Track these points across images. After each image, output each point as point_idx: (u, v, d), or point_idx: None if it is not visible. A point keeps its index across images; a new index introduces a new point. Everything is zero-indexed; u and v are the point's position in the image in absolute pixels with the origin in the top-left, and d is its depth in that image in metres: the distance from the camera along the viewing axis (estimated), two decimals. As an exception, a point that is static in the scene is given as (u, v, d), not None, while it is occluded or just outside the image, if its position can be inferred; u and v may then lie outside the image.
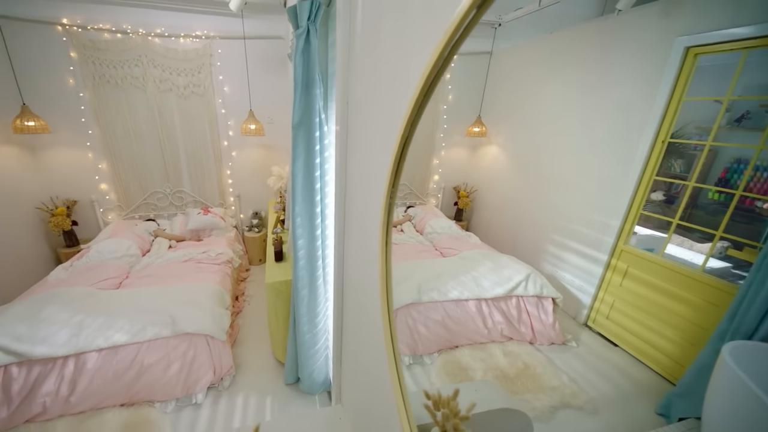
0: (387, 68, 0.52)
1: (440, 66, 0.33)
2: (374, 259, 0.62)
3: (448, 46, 0.30)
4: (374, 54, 0.58)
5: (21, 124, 2.77)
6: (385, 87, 0.53)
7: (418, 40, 0.42)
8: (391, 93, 0.51)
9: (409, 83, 0.45)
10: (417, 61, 0.42)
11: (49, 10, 2.86)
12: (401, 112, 0.42)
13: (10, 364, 1.81)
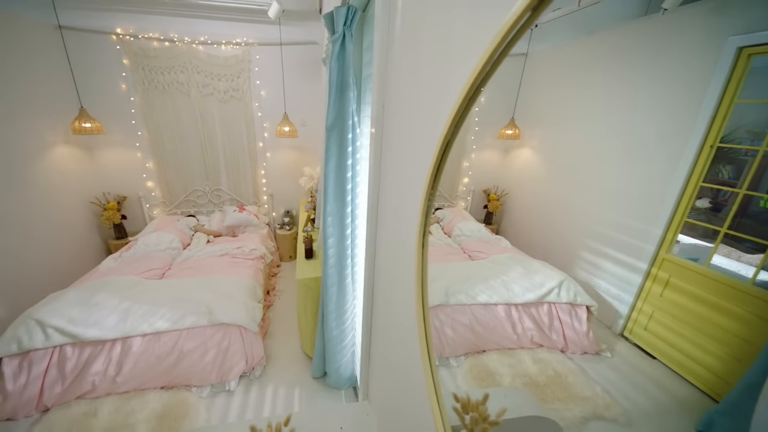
0: (428, 70, 0.53)
1: (489, 68, 0.34)
2: (407, 260, 0.63)
3: (498, 49, 0.30)
4: (414, 56, 0.59)
5: (79, 126, 3.02)
6: (426, 89, 0.54)
7: (463, 42, 0.42)
8: (432, 94, 0.52)
9: (452, 85, 0.45)
10: (462, 62, 0.42)
11: (105, 21, 3.11)
12: (444, 114, 0.43)
13: (65, 344, 1.97)
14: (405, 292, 0.68)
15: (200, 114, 3.54)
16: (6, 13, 2.56)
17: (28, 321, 1.97)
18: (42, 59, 2.90)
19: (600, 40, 0.90)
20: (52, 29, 2.99)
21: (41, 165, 2.90)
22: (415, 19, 0.58)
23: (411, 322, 0.64)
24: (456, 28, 0.45)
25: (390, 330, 0.79)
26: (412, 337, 0.63)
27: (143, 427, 1.84)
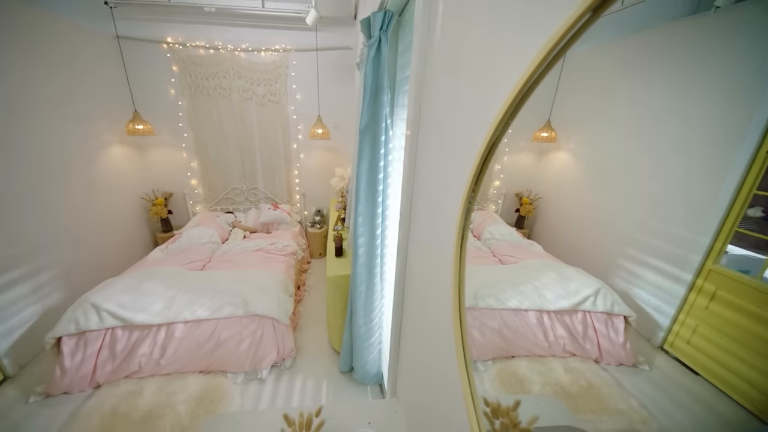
0: (470, 71, 0.53)
1: (542, 69, 0.33)
2: (442, 262, 0.63)
3: (554, 49, 0.30)
4: (454, 58, 0.59)
5: (132, 128, 3.28)
6: (467, 91, 0.54)
7: (512, 40, 0.42)
8: (474, 97, 0.52)
9: (497, 87, 0.45)
10: (510, 62, 0.42)
11: (157, 31, 3.35)
12: (487, 117, 0.43)
13: (116, 327, 2.14)
14: (439, 294, 0.68)
15: (240, 117, 3.72)
16: (71, 24, 2.83)
17: (84, 304, 2.15)
18: (102, 66, 3.17)
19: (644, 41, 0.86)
20: (111, 39, 3.27)
21: (100, 163, 3.17)
22: (459, 18, 0.58)
23: (445, 324, 0.65)
24: (504, 28, 0.45)
25: (421, 331, 0.80)
26: (446, 339, 0.64)
27: (183, 407, 1.96)
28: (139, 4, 2.98)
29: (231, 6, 2.96)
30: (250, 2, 2.93)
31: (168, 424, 1.85)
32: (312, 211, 4.23)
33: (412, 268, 0.91)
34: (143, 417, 1.89)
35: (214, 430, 1.00)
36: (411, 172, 0.87)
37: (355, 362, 2.05)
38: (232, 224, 3.82)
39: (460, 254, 0.49)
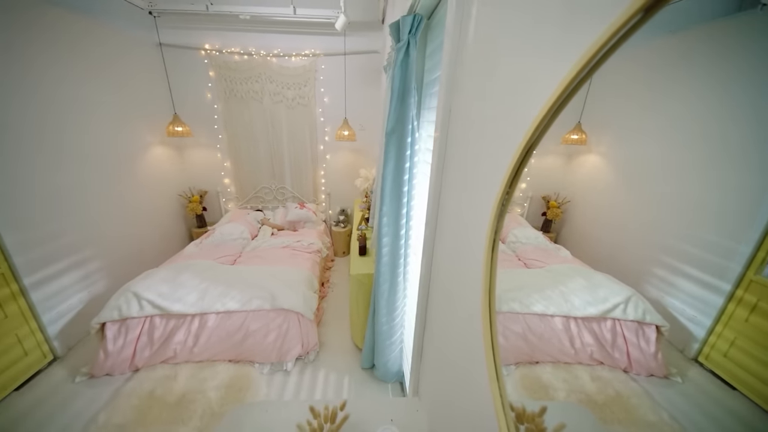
0: (506, 73, 0.52)
1: (589, 69, 0.32)
2: (471, 264, 0.64)
3: (602, 50, 0.29)
4: (489, 58, 0.58)
5: (172, 129, 3.48)
6: (501, 93, 0.54)
7: (554, 38, 0.42)
8: (510, 99, 0.52)
9: (535, 89, 0.45)
10: (552, 63, 0.42)
11: (196, 38, 3.54)
12: (525, 117, 0.43)
13: (154, 315, 2.27)
14: (467, 296, 0.68)
15: (271, 119, 3.84)
16: (120, 33, 3.04)
17: (127, 293, 2.30)
18: (146, 72, 3.39)
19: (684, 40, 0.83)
20: (155, 46, 3.48)
21: (142, 162, 3.38)
22: (491, 23, 0.58)
23: (473, 327, 0.65)
24: (543, 27, 0.44)
25: (447, 333, 0.80)
26: (474, 342, 0.64)
27: (213, 393, 2.05)
28: (181, 13, 3.16)
29: (265, 13, 3.07)
30: (282, 9, 3.02)
31: (199, 408, 1.95)
32: (336, 211, 4.29)
33: (437, 270, 0.91)
34: (177, 401, 2.00)
35: (244, 417, 1.04)
36: (439, 173, 0.87)
37: (376, 359, 2.06)
38: (261, 222, 3.95)
39: (491, 257, 0.49)
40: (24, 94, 2.19)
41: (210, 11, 2.97)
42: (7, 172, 2.06)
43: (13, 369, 2.12)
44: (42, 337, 2.31)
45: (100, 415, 1.90)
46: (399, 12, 1.73)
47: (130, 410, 1.93)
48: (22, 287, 2.16)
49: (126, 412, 1.92)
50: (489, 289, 0.50)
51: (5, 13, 2.08)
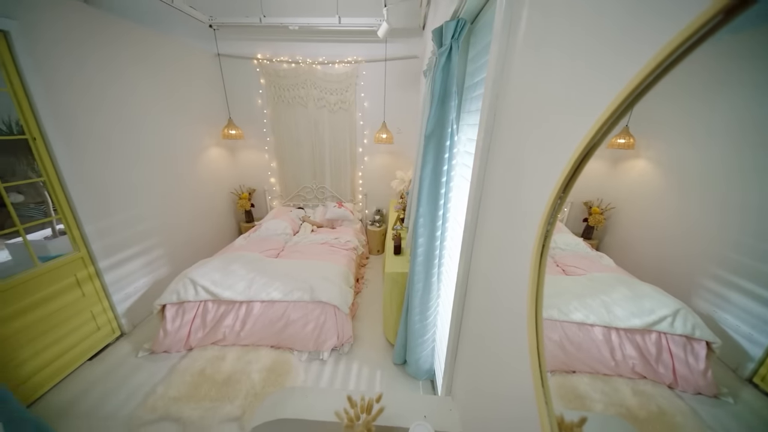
0: (561, 73, 0.51)
1: (665, 66, 0.31)
2: (515, 268, 0.63)
3: (677, 51, 0.28)
4: (541, 60, 0.57)
5: (227, 132, 3.73)
6: (555, 94, 0.52)
7: (619, 37, 0.40)
8: (565, 101, 0.50)
9: (596, 92, 0.44)
10: (616, 63, 0.41)
11: (250, 49, 3.77)
12: (583, 119, 0.43)
13: (208, 300, 2.45)
14: (509, 302, 0.68)
15: (314, 123, 3.99)
16: (185, 45, 3.32)
17: (184, 279, 2.50)
18: (206, 80, 3.67)
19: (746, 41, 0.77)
20: (213, 56, 3.76)
21: (200, 161, 3.66)
22: (544, 24, 0.57)
23: (515, 333, 0.64)
24: (606, 25, 0.43)
25: (485, 335, 0.79)
26: (515, 347, 0.63)
27: (256, 375, 2.17)
28: (237, 26, 3.37)
29: (312, 24, 3.19)
30: (328, 19, 3.12)
31: (244, 388, 2.07)
32: (372, 210, 4.36)
33: (476, 273, 0.90)
34: (224, 379, 2.15)
35: (285, 400, 1.10)
36: (481, 176, 0.86)
37: (408, 356, 2.07)
38: (302, 219, 4.11)
39: (539, 263, 0.49)
40: (105, 100, 2.47)
41: (263, 23, 3.14)
42: (88, 170, 2.33)
43: (88, 341, 2.39)
44: (112, 314, 2.59)
45: (158, 388, 2.09)
46: (441, 17, 1.72)
47: (184, 385, 2.10)
48: (98, 270, 2.44)
49: (180, 387, 2.09)
50: (536, 296, 0.50)
51: (102, 32, 2.36)
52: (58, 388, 2.14)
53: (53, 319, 2.15)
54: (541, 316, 0.50)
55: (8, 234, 1.96)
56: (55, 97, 2.08)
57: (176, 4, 2.76)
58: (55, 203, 2.17)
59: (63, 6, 2.12)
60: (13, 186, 1.99)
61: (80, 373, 2.27)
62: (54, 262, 2.16)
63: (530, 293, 0.52)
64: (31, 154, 2.05)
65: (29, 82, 1.93)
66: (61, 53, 2.11)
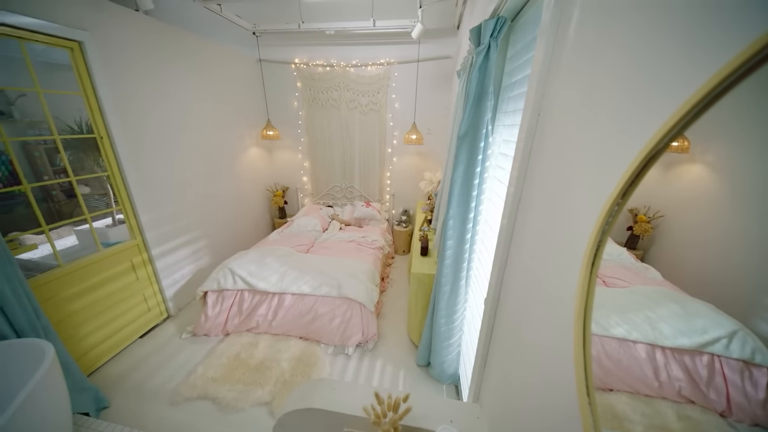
0: (619, 73, 0.47)
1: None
2: (556, 278, 0.59)
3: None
4: (596, 57, 0.53)
5: (265, 133, 3.87)
6: (611, 93, 0.48)
7: (683, 43, 0.36)
8: (620, 105, 0.46)
9: (662, 89, 0.40)
10: (678, 66, 0.37)
11: (288, 54, 3.88)
12: (644, 118, 0.39)
13: (244, 289, 2.55)
14: (549, 312, 0.64)
15: (345, 124, 4.03)
16: (230, 51, 3.47)
17: (224, 268, 2.63)
18: (248, 83, 3.82)
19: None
20: (256, 62, 3.91)
21: (241, 160, 3.82)
22: (600, 21, 0.52)
23: (557, 347, 0.60)
24: (673, 21, 0.38)
25: (519, 345, 0.75)
26: (558, 360, 0.59)
27: (286, 364, 2.24)
28: (277, 32, 3.48)
29: (347, 28, 3.22)
30: (363, 23, 3.13)
31: (274, 375, 2.14)
32: (399, 211, 4.34)
33: (510, 279, 0.86)
34: (257, 365, 2.23)
35: (314, 390, 1.11)
36: (520, 178, 0.81)
37: (432, 358, 2.03)
38: (331, 217, 4.17)
39: (589, 275, 0.45)
40: (160, 102, 2.63)
41: (301, 29, 3.22)
42: (143, 166, 2.50)
43: (140, 321, 2.58)
44: (161, 298, 2.77)
45: (198, 368, 2.21)
46: (479, 16, 1.66)
47: (221, 367, 2.21)
48: (150, 257, 2.61)
49: (217, 369, 2.19)
50: (584, 310, 0.46)
51: (159, 40, 2.53)
52: (113, 361, 2.32)
53: (111, 299, 2.33)
54: (590, 332, 0.46)
55: (77, 222, 2.16)
56: (118, 99, 2.25)
57: (224, 13, 2.90)
58: (117, 195, 2.35)
59: (127, 17, 2.29)
60: (81, 179, 2.18)
61: (132, 349, 2.45)
62: (114, 248, 2.34)
63: (578, 307, 0.48)
64: (98, 151, 2.24)
65: (98, 86, 2.11)
66: (125, 59, 2.28)
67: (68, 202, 2.66)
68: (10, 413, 1.16)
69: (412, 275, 2.16)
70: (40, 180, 2.51)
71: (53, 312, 1.94)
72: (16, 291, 1.54)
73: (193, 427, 1.82)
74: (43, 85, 1.86)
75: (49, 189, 2.59)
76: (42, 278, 1.90)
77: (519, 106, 1.14)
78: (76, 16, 1.96)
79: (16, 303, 1.54)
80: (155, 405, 1.96)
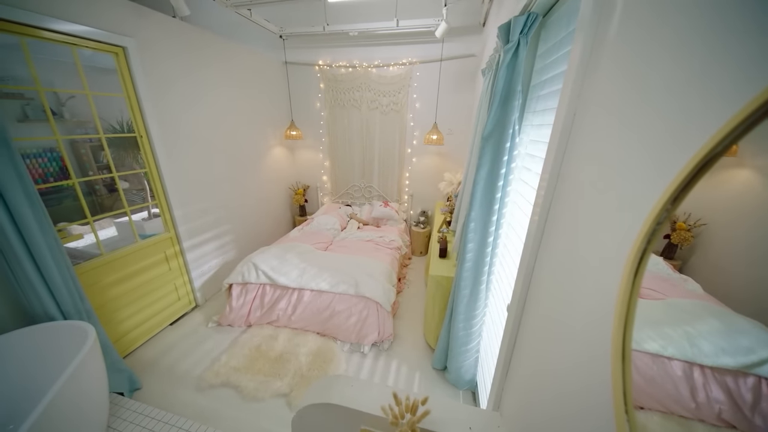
0: (672, 70, 0.43)
1: None
2: (594, 286, 0.55)
3: None
4: (642, 50, 0.48)
5: (289, 133, 3.93)
6: (660, 97, 0.44)
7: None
8: (669, 104, 0.42)
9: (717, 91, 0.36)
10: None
11: (312, 56, 3.92)
12: (703, 119, 0.35)
13: (266, 283, 2.61)
14: (582, 325, 0.60)
15: (366, 125, 4.03)
16: (258, 54, 3.55)
17: (248, 263, 2.69)
18: (274, 85, 3.90)
19: None
20: (282, 64, 3.98)
21: (265, 159, 3.90)
22: (649, 14, 0.48)
23: (590, 359, 0.57)
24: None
25: (546, 355, 0.71)
26: (587, 375, 0.55)
27: (303, 358, 2.27)
28: (303, 35, 3.52)
29: (371, 28, 3.20)
30: (386, 23, 3.10)
31: (292, 368, 2.17)
32: (417, 211, 4.29)
33: (538, 286, 0.81)
34: (276, 357, 2.27)
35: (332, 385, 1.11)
36: (552, 180, 0.76)
37: (449, 363, 1.97)
38: (350, 216, 4.19)
39: (632, 283, 0.42)
40: (193, 103, 2.72)
41: (326, 31, 3.23)
42: (177, 163, 2.60)
43: (170, 309, 2.69)
44: (190, 288, 2.88)
45: (222, 356, 2.28)
46: (507, 12, 1.60)
47: (243, 357, 2.26)
48: (182, 249, 2.72)
49: (240, 358, 2.25)
50: (624, 323, 0.42)
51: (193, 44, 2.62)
52: (146, 346, 2.44)
53: (146, 287, 2.44)
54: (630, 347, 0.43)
55: (117, 214, 2.29)
56: (156, 101, 2.35)
57: (254, 18, 2.96)
58: (153, 190, 2.46)
59: (166, 23, 2.39)
60: (122, 175, 2.30)
61: (163, 335, 2.56)
62: (149, 240, 2.46)
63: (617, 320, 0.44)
64: (137, 149, 2.35)
65: (139, 88, 2.21)
66: (162, 63, 2.38)
67: (109, 196, 2.81)
68: (59, 386, 1.26)
69: (430, 277, 2.12)
70: (86, 175, 2.67)
71: (94, 297, 2.05)
72: (64, 277, 1.65)
73: (217, 412, 1.88)
74: (90, 87, 1.97)
75: (93, 183, 2.75)
76: (86, 266, 2.02)
77: (549, 105, 1.09)
78: (121, 23, 2.07)
79: (63, 288, 1.64)
80: (183, 389, 2.04)
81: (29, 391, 1.51)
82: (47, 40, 1.74)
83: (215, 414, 1.87)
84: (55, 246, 1.61)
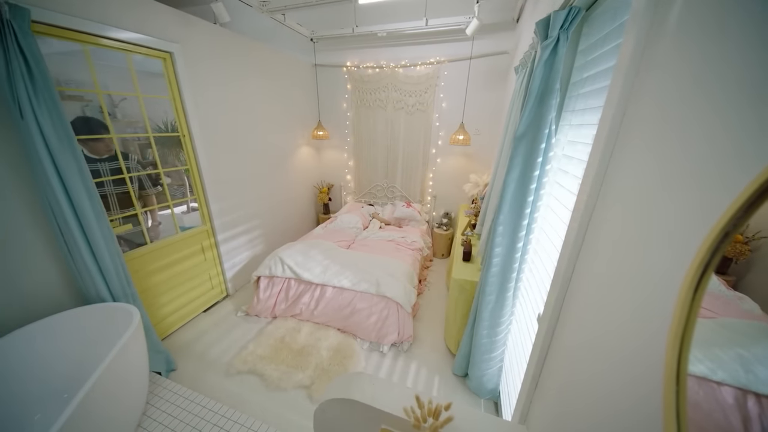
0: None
1: None
2: (643, 301, 0.51)
3: None
4: (710, 45, 0.43)
5: (316, 133, 4.00)
6: (734, 96, 0.39)
7: None
8: (742, 102, 0.38)
9: None
10: None
11: (341, 58, 3.95)
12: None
13: (291, 278, 2.66)
14: (628, 339, 0.55)
15: (391, 125, 4.00)
16: (290, 57, 3.63)
17: (275, 257, 2.76)
18: (303, 87, 3.98)
19: None
20: (311, 66, 4.04)
21: (293, 158, 3.99)
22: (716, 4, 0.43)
23: (635, 380, 0.52)
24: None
25: (583, 371, 0.65)
26: (636, 395, 0.51)
27: (324, 352, 2.29)
28: (333, 38, 3.55)
29: (399, 29, 3.15)
30: (415, 23, 3.04)
31: (313, 361, 2.20)
32: (440, 213, 4.22)
33: (574, 298, 0.75)
34: (299, 349, 2.31)
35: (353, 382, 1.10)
36: (596, 184, 0.70)
37: (470, 370, 1.89)
38: (372, 215, 4.18)
39: (692, 299, 0.37)
40: (229, 105, 2.83)
41: (355, 32, 3.23)
42: (214, 161, 2.71)
43: (204, 297, 2.81)
44: (222, 278, 3.00)
45: (249, 345, 2.35)
46: (546, 6, 1.51)
47: (268, 347, 2.33)
48: (216, 241, 2.84)
49: (265, 348, 2.32)
50: (680, 345, 0.38)
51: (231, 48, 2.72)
52: (181, 330, 2.57)
53: (183, 276, 2.57)
54: (686, 370, 0.38)
55: (160, 207, 2.45)
56: (198, 103, 2.47)
57: (287, 22, 3.02)
58: (193, 186, 2.59)
59: (208, 29, 2.51)
60: (166, 171, 2.43)
61: (196, 321, 2.69)
62: (188, 232, 2.59)
63: (671, 337, 0.40)
64: (179, 147, 2.47)
65: (183, 91, 2.33)
66: (203, 67, 2.49)
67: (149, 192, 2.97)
68: (108, 360, 1.37)
69: (453, 281, 2.06)
70: (135, 171, 2.83)
71: (139, 282, 2.19)
72: (114, 263, 1.78)
73: (243, 398, 1.94)
74: (140, 90, 2.10)
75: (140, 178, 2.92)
76: (132, 253, 2.16)
77: (591, 104, 1.02)
78: (168, 30, 2.19)
79: (113, 272, 1.77)
80: (213, 374, 2.13)
81: (83, 363, 1.65)
82: (105, 47, 1.87)
83: (242, 399, 1.93)
84: (108, 235, 1.73)
